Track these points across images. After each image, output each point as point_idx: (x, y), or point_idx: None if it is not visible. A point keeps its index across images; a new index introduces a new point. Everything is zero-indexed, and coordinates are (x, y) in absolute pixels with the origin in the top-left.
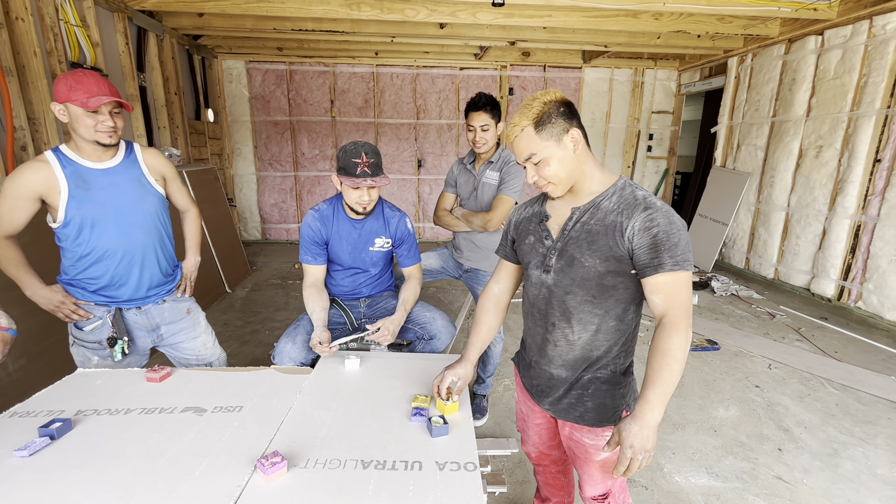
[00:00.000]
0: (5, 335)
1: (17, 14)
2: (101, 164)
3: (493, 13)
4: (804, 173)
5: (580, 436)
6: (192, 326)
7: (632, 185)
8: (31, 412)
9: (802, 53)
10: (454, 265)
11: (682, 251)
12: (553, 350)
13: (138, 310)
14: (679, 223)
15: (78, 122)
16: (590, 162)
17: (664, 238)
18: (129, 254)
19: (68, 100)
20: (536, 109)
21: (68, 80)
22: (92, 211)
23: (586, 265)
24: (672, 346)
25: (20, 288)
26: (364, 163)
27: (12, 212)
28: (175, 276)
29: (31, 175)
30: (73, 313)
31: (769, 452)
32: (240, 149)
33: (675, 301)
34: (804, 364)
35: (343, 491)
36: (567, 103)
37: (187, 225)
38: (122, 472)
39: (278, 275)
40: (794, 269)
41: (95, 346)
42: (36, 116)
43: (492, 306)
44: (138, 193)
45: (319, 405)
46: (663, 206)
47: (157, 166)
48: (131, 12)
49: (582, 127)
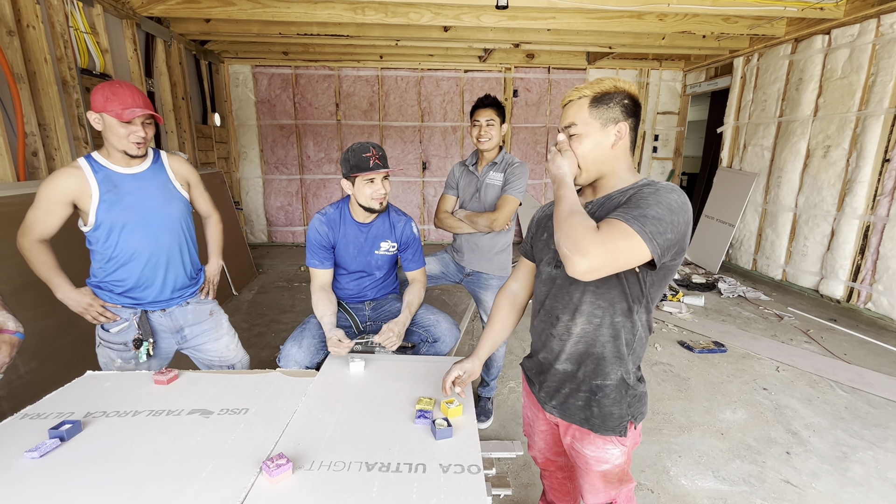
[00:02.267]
0: (13, 338)
1: (28, 22)
2: (130, 170)
3: (497, 16)
4: (812, 173)
5: (581, 447)
6: (214, 328)
7: (652, 182)
8: (42, 414)
9: (809, 53)
10: (455, 269)
11: (640, 213)
12: (558, 344)
13: (163, 312)
14: (667, 202)
15: (111, 132)
16: (624, 164)
17: (634, 200)
18: (154, 256)
19: (104, 110)
20: (604, 87)
21: (105, 92)
22: (121, 215)
23: None
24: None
25: (51, 290)
26: (374, 155)
27: (46, 216)
28: (199, 279)
29: (65, 181)
30: (101, 315)
31: (777, 456)
32: (246, 152)
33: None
34: (813, 366)
35: (347, 493)
36: (635, 101)
37: (209, 229)
38: (130, 473)
39: (284, 277)
40: (803, 270)
41: (121, 348)
42: (46, 122)
43: (507, 304)
44: (165, 198)
45: (324, 408)
46: (665, 188)
47: (183, 172)
48: (139, 19)
49: (635, 131)
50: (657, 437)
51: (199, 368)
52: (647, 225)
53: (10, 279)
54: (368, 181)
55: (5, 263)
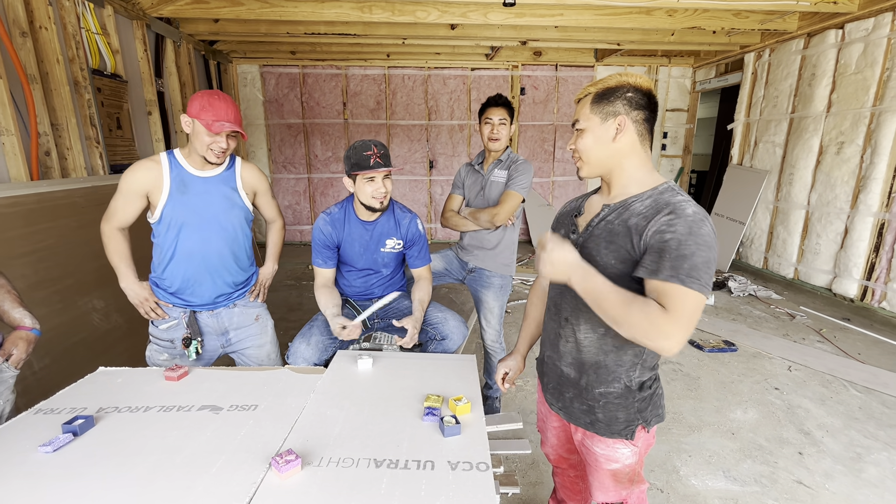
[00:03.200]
0: (30, 335)
1: (40, 23)
2: (203, 172)
3: (504, 13)
4: (825, 170)
5: (591, 444)
6: (259, 333)
7: (672, 191)
8: (55, 409)
9: (822, 48)
10: (458, 266)
11: (690, 266)
12: (564, 346)
13: (210, 313)
14: (705, 238)
15: (197, 138)
16: (634, 160)
17: (674, 246)
18: (205, 260)
19: (197, 117)
20: (608, 83)
21: (203, 100)
22: (184, 213)
23: (601, 263)
24: (638, 302)
25: (117, 277)
26: (375, 154)
27: (125, 205)
28: (249, 282)
29: (144, 173)
30: (153, 311)
31: (789, 456)
32: (254, 151)
33: (671, 306)
34: (826, 366)
35: (356, 489)
36: (643, 93)
37: (271, 234)
38: (142, 467)
39: (292, 276)
40: (815, 268)
41: (167, 345)
42: (59, 122)
43: (540, 301)
44: (226, 205)
45: (333, 404)
46: (695, 216)
47: (252, 181)
48: (149, 19)
49: (648, 123)
50: (667, 436)
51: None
52: (702, 275)
53: (25, 277)
54: (369, 179)
55: (20, 261)
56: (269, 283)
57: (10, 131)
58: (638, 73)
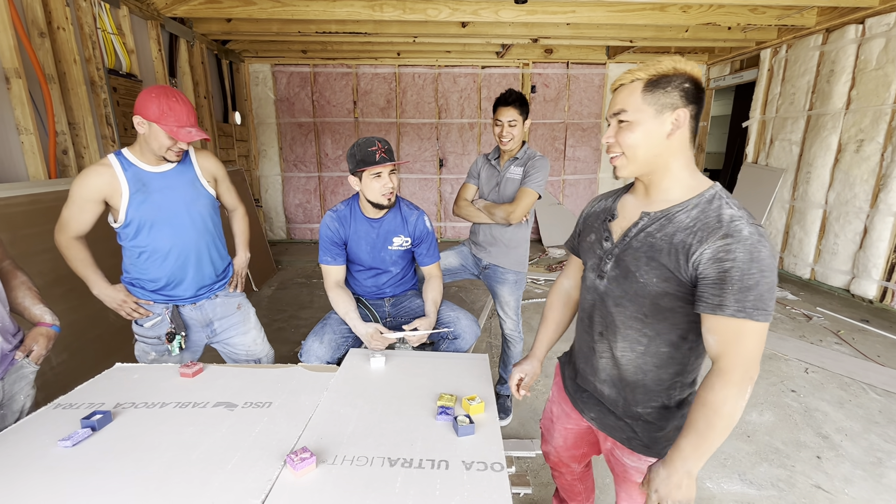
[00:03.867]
0: (50, 331)
1: (58, 24)
2: (158, 168)
3: (515, 10)
4: (843, 169)
5: (621, 454)
6: (242, 322)
7: (722, 200)
8: (74, 404)
9: (842, 43)
10: (473, 262)
11: (756, 297)
12: (598, 362)
13: (193, 305)
14: (767, 261)
15: (154, 140)
16: (681, 160)
17: (737, 277)
18: (183, 253)
19: (158, 122)
20: (661, 69)
21: (161, 104)
22: (149, 212)
23: (641, 280)
24: (715, 400)
25: (88, 286)
26: (380, 149)
27: (80, 213)
28: (227, 273)
29: (96, 179)
30: (134, 311)
31: (807, 460)
32: (266, 150)
33: (733, 349)
34: (844, 368)
35: (371, 488)
36: (698, 84)
37: (236, 223)
38: (158, 463)
39: (303, 273)
40: (833, 269)
41: (155, 342)
42: (76, 121)
43: (560, 303)
44: (191, 196)
45: (346, 402)
46: (752, 237)
47: (210, 168)
48: (163, 19)
49: (696, 120)
50: None
51: (225, 363)
52: (768, 304)
53: (43, 274)
54: (375, 175)
55: (39, 258)
56: (245, 273)
57: (29, 130)
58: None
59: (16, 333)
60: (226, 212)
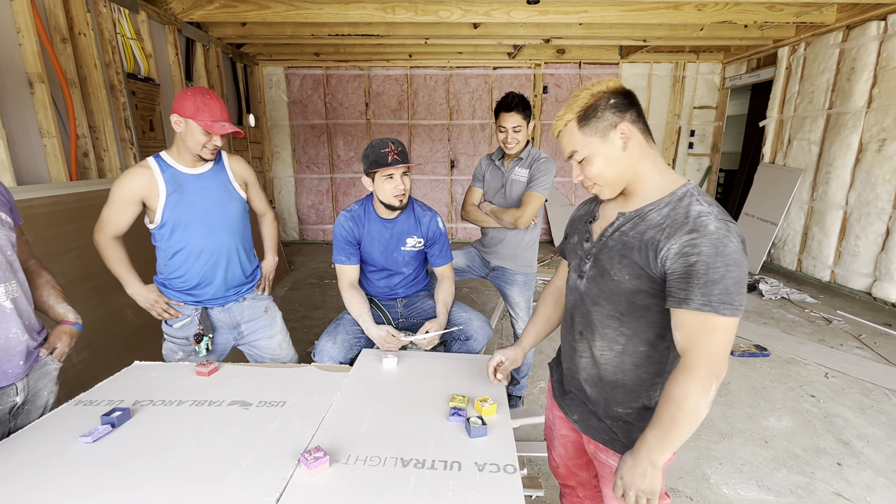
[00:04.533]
0: (72, 329)
1: (79, 29)
2: (194, 170)
3: (527, 11)
4: (865, 168)
5: (605, 457)
6: (269, 325)
7: (692, 198)
8: (94, 401)
9: (863, 40)
10: (481, 263)
11: (722, 291)
12: (579, 361)
13: (222, 308)
14: (733, 256)
15: (191, 137)
16: (648, 162)
17: (702, 270)
18: (214, 254)
19: (193, 118)
20: (582, 102)
21: (197, 100)
22: (184, 213)
23: (615, 278)
24: (678, 394)
25: (123, 285)
26: (393, 151)
27: (119, 214)
28: (255, 276)
29: (136, 180)
30: (165, 312)
31: (827, 467)
32: (279, 152)
33: (698, 344)
34: (866, 373)
35: (384, 488)
36: (622, 93)
37: (265, 227)
38: (176, 459)
39: (315, 274)
40: (853, 271)
41: (183, 343)
42: (96, 125)
43: (552, 300)
44: (224, 198)
45: (359, 402)
46: (718, 232)
47: (241, 172)
48: (180, 24)
49: (641, 119)
50: (695, 442)
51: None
52: (735, 298)
53: (65, 273)
54: (388, 177)
55: (62, 258)
56: (273, 276)
57: (52, 134)
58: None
59: (40, 331)
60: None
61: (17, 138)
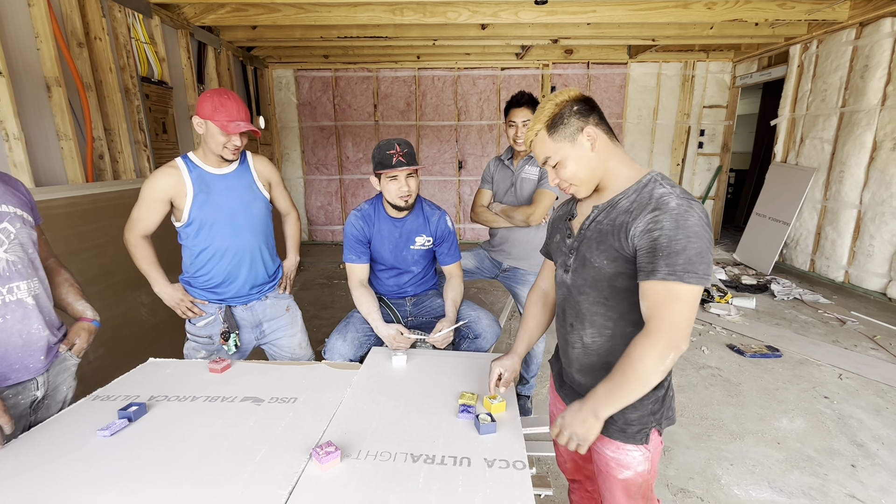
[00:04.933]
0: (91, 326)
1: (95, 34)
2: (220, 170)
3: (535, 11)
4: (879, 167)
5: (601, 446)
6: (290, 324)
7: (656, 183)
8: (111, 396)
9: (876, 37)
10: (490, 265)
11: (685, 260)
12: (572, 352)
13: (245, 306)
14: (694, 228)
15: (212, 138)
16: (615, 158)
17: (665, 243)
18: (239, 253)
19: (211, 118)
20: (549, 112)
21: (214, 101)
22: (211, 212)
23: (596, 265)
24: (634, 354)
25: (150, 283)
26: (398, 152)
27: (148, 213)
28: (277, 275)
29: (165, 180)
30: (189, 310)
31: (841, 468)
32: (288, 153)
33: (662, 311)
34: (881, 375)
35: (394, 482)
36: (583, 100)
37: (288, 227)
38: (191, 453)
39: (324, 275)
40: (868, 271)
41: (205, 341)
42: (111, 127)
43: (539, 303)
44: (249, 198)
45: (369, 399)
46: (679, 207)
47: (265, 172)
48: (193, 28)
49: (604, 122)
50: (706, 443)
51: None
52: (699, 267)
53: (82, 272)
54: (392, 178)
55: (79, 257)
56: (295, 275)
57: (69, 136)
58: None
59: (60, 327)
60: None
61: (35, 141)
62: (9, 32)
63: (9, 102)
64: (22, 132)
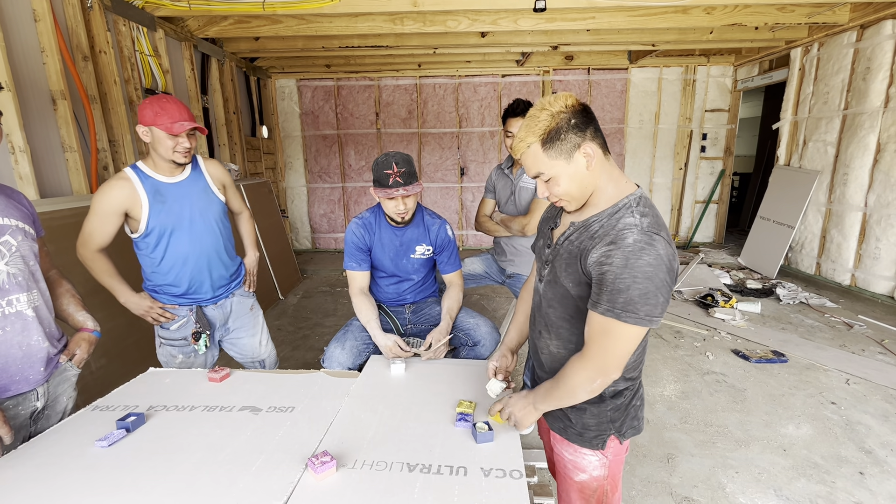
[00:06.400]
0: (91, 336)
1: (100, 48)
2: (173, 179)
3: (534, 19)
4: (883, 169)
5: (561, 448)
6: (252, 324)
7: (628, 210)
8: (110, 406)
9: (878, 40)
10: (498, 270)
11: (626, 300)
12: (542, 356)
13: (215, 305)
14: (644, 269)
15: (159, 144)
16: (605, 175)
17: (611, 279)
18: (201, 257)
19: (154, 124)
20: (544, 124)
21: (154, 107)
22: (169, 221)
23: (564, 285)
24: (569, 369)
25: (114, 295)
26: (395, 173)
27: (102, 226)
28: (240, 272)
29: (117, 192)
30: (161, 316)
31: (849, 476)
32: (291, 162)
33: (597, 343)
34: (889, 380)
35: (389, 493)
36: (581, 111)
37: (242, 225)
38: (188, 463)
39: (327, 282)
40: (875, 274)
41: (181, 344)
42: (116, 139)
43: (530, 297)
44: (205, 203)
45: (366, 408)
46: (634, 245)
47: (218, 175)
48: (196, 40)
49: (599, 134)
50: (710, 450)
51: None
52: (640, 308)
53: (84, 283)
54: (390, 197)
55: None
56: (256, 270)
57: (73, 148)
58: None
59: (60, 338)
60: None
61: (40, 153)
62: (15, 47)
63: (15, 116)
64: (28, 145)
